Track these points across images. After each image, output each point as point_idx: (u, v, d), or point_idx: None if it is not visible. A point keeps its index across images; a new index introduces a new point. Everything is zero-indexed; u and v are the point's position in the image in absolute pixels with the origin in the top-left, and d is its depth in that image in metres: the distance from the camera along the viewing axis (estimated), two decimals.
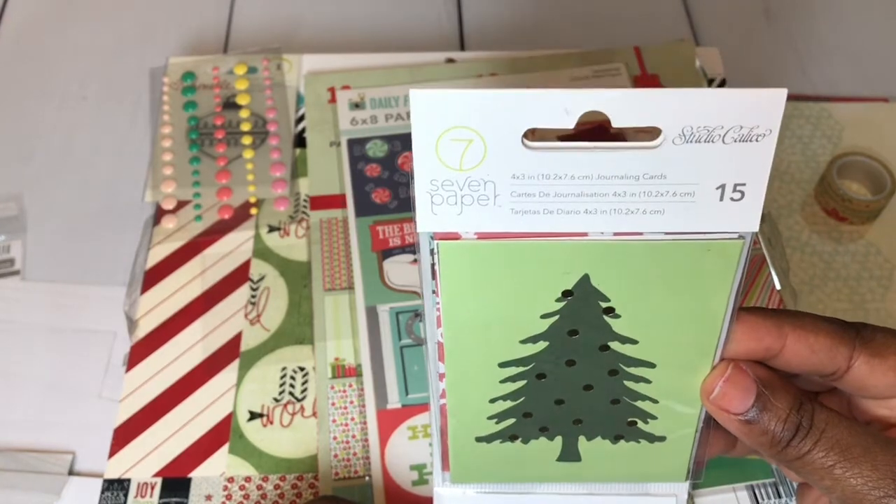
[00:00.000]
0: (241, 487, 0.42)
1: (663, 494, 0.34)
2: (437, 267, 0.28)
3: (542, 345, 0.30)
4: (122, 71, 0.59)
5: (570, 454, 0.33)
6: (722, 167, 0.26)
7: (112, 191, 0.53)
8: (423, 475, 0.42)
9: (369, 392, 0.44)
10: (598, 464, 0.33)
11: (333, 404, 0.44)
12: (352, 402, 0.44)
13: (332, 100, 0.55)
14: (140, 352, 0.46)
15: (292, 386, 0.45)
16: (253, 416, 0.44)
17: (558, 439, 0.33)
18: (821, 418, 0.30)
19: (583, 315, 0.29)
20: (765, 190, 0.26)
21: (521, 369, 0.30)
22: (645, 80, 0.56)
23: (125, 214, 0.52)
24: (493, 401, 0.31)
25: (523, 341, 0.30)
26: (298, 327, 0.47)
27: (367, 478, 0.42)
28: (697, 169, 0.26)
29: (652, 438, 0.32)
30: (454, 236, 0.27)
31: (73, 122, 0.57)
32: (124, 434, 0.43)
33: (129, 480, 0.42)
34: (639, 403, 0.31)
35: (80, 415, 0.44)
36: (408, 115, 0.54)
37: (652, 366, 0.30)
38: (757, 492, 0.42)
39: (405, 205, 0.50)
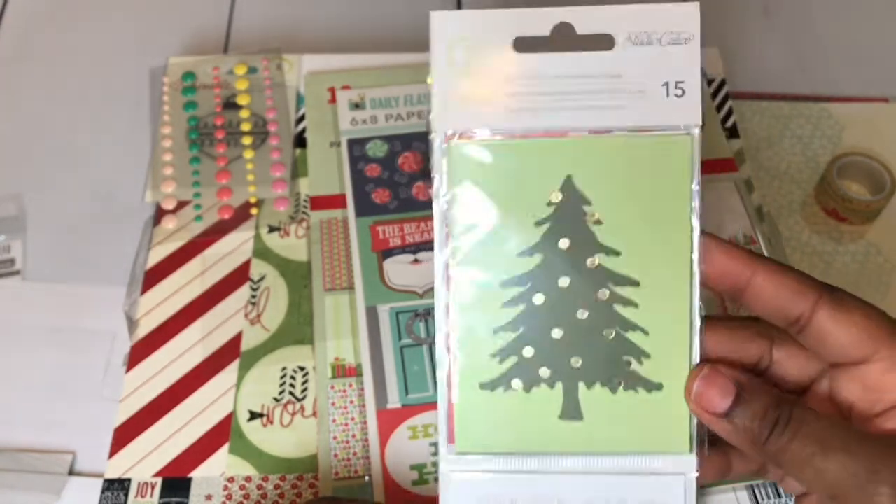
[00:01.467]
0: (242, 487, 0.42)
1: (671, 473, 0.34)
2: (444, 168, 0.33)
3: (537, 258, 0.33)
4: (123, 71, 0.59)
5: (571, 409, 0.34)
6: (663, 66, 0.32)
7: (112, 191, 0.53)
8: (423, 475, 0.42)
9: (369, 392, 0.44)
10: (599, 423, 0.34)
11: (333, 404, 0.44)
12: (352, 402, 0.44)
13: (333, 100, 0.55)
14: (140, 352, 0.46)
15: (292, 386, 0.45)
16: (253, 415, 0.44)
17: (559, 388, 0.34)
18: (799, 413, 0.31)
19: (570, 221, 0.33)
20: (699, 89, 0.32)
21: (520, 290, 0.33)
22: None
23: (125, 214, 0.52)
24: (495, 332, 0.34)
25: (520, 254, 0.33)
26: (298, 327, 0.47)
27: (367, 477, 0.42)
28: (645, 68, 0.32)
29: (649, 386, 0.33)
30: (459, 136, 0.33)
31: (74, 122, 0.57)
32: (124, 434, 0.43)
33: (129, 480, 0.42)
34: (630, 335, 0.33)
35: (81, 415, 0.45)
36: (408, 115, 0.54)
37: (636, 284, 0.33)
38: (757, 492, 0.42)
39: (405, 205, 0.50)
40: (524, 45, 0.33)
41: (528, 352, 0.34)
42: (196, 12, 0.63)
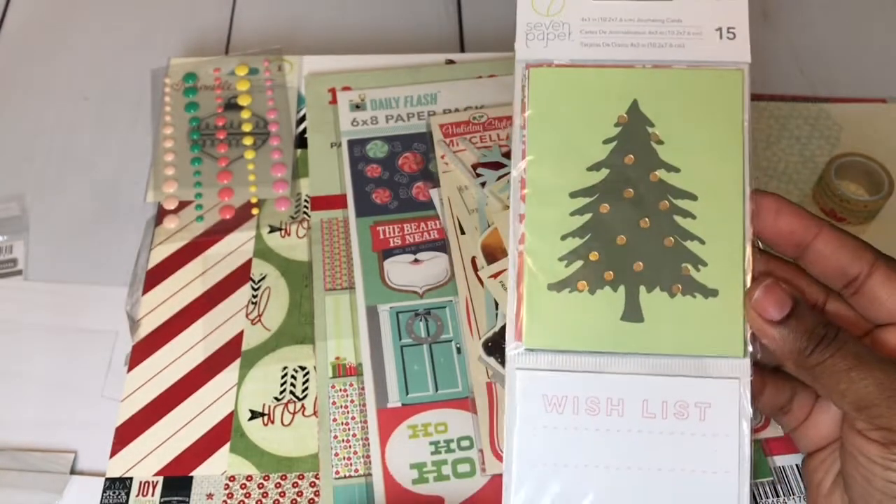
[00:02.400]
0: (243, 486, 0.42)
1: (726, 377, 0.36)
2: (526, 92, 0.38)
3: (604, 172, 0.37)
4: (124, 72, 0.59)
5: (632, 312, 0.36)
6: (717, 14, 0.37)
7: (114, 191, 0.53)
8: (423, 473, 0.42)
9: (370, 391, 0.44)
10: (659, 325, 0.36)
11: (334, 403, 0.44)
12: (352, 401, 0.44)
13: (333, 101, 0.55)
14: (142, 351, 0.46)
15: (293, 385, 0.45)
16: (254, 415, 0.44)
17: (621, 291, 0.36)
18: (843, 335, 0.34)
19: (635, 140, 0.37)
20: (748, 34, 0.37)
21: (587, 200, 0.37)
22: None
23: (127, 215, 0.52)
24: (563, 237, 0.37)
25: (589, 168, 0.37)
26: (299, 327, 0.47)
27: (367, 476, 0.42)
28: (701, 15, 0.37)
29: (706, 292, 0.36)
30: (540, 65, 0.38)
31: (75, 123, 0.57)
32: (126, 433, 0.43)
33: (130, 479, 0.42)
34: (689, 244, 0.36)
35: (82, 414, 0.45)
36: (408, 116, 0.54)
37: (694, 198, 0.36)
38: (756, 491, 0.42)
39: (405, 205, 0.51)
40: None
41: (593, 256, 0.37)
42: (197, 13, 0.63)
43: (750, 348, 0.35)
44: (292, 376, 0.45)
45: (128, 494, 0.42)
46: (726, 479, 0.35)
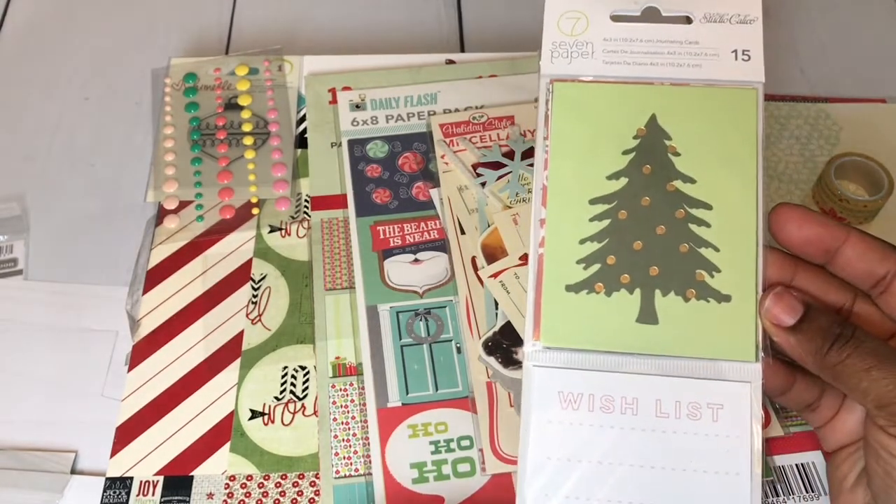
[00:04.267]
0: (243, 486, 0.42)
1: (739, 380, 0.36)
2: (549, 105, 0.39)
3: (623, 181, 0.38)
4: (124, 72, 0.59)
5: (647, 314, 0.37)
6: (733, 38, 0.39)
7: (114, 191, 0.53)
8: (423, 473, 0.42)
9: (370, 391, 0.44)
10: (673, 328, 0.37)
11: (334, 403, 0.44)
12: (352, 401, 0.44)
13: (333, 101, 0.55)
14: (142, 351, 0.46)
15: (293, 385, 0.45)
16: (254, 414, 0.44)
17: (637, 294, 0.37)
18: (860, 333, 0.35)
19: (653, 151, 0.38)
20: (762, 56, 0.39)
21: (606, 207, 0.38)
22: None
23: (127, 214, 0.52)
24: (582, 241, 0.38)
25: (609, 177, 0.38)
26: (299, 326, 0.47)
27: (367, 476, 0.42)
28: (718, 38, 0.39)
29: (719, 297, 0.37)
30: (564, 80, 0.39)
31: (76, 123, 0.57)
32: (126, 433, 0.43)
33: (131, 479, 0.42)
34: (703, 251, 0.37)
35: (83, 414, 0.45)
36: (408, 115, 0.54)
37: (709, 207, 0.38)
38: None
39: (405, 205, 0.51)
40: (619, 19, 0.40)
41: (610, 260, 0.38)
42: (197, 13, 0.63)
43: (762, 354, 0.36)
44: (292, 376, 0.45)
45: (128, 494, 0.42)
46: (738, 479, 0.36)
